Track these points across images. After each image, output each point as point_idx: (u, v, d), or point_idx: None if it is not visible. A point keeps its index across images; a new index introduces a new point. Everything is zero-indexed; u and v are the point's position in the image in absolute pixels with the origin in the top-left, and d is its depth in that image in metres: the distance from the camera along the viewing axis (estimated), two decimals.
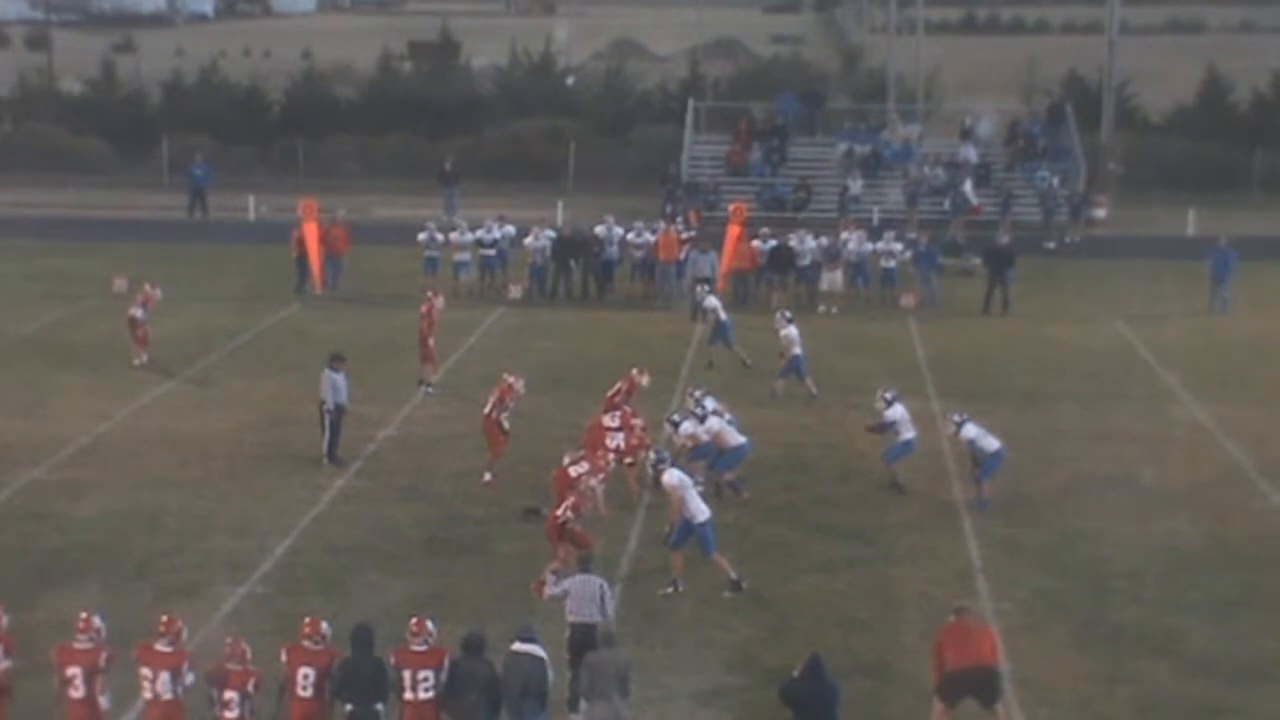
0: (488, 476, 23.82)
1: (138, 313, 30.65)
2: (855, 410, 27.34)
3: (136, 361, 30.50)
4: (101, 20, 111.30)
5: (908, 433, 23.75)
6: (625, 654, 15.70)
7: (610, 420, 23.48)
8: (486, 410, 23.96)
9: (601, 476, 21.53)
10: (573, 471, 21.02)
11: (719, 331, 31.13)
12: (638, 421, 23.59)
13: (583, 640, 16.36)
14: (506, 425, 23.94)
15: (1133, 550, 21.53)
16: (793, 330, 28.78)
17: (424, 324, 28.99)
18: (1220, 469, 25.23)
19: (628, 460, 23.10)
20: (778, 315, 29.72)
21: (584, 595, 16.74)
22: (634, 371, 25.35)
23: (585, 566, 17.24)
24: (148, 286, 31.26)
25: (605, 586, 17.01)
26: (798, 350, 28.60)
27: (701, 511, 19.80)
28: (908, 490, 23.56)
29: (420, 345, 29.14)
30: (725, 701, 17.07)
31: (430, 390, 28.85)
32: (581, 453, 21.75)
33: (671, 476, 20.03)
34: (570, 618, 16.73)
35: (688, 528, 19.77)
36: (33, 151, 56.43)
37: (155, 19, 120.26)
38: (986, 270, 37.48)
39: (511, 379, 24.25)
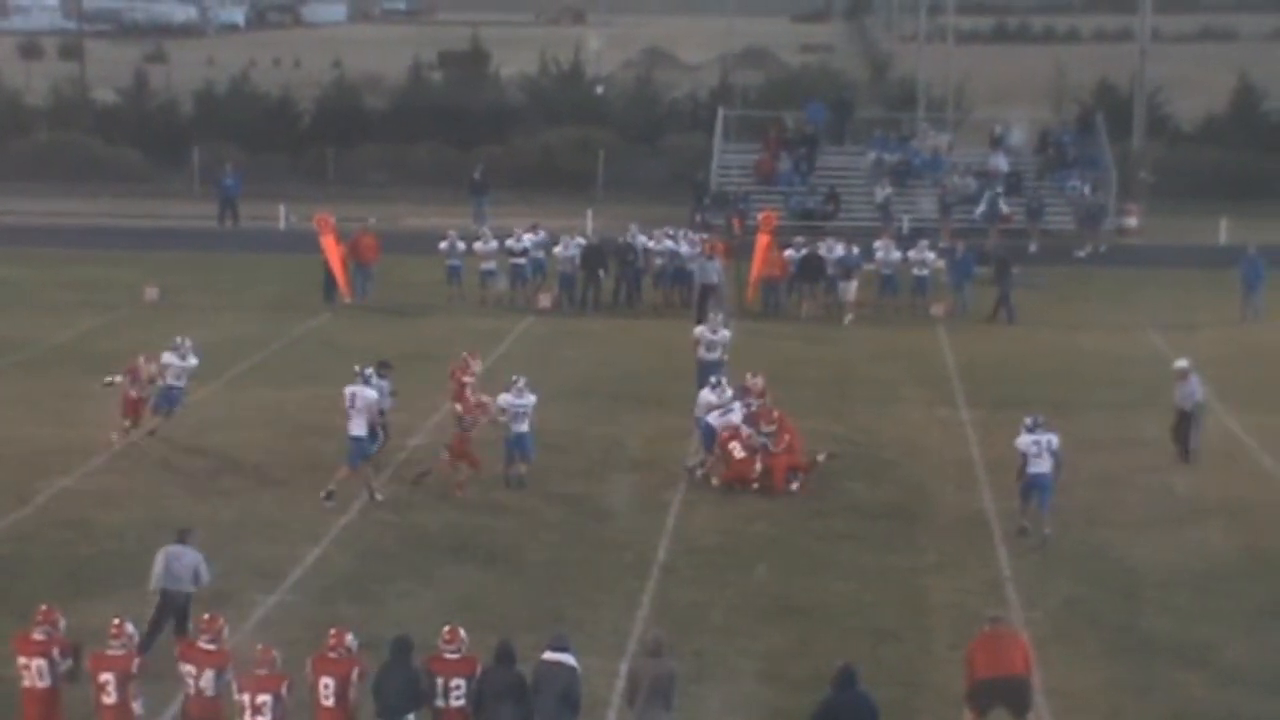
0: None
1: (131, 392, 25.79)
2: (885, 419, 27.30)
3: (115, 435, 25.97)
4: (134, 30, 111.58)
5: (1036, 466, 22.04)
6: (671, 664, 15.59)
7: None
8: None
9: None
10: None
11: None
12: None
13: None
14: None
15: (1164, 560, 21.44)
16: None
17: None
18: (1252, 478, 25.13)
19: None
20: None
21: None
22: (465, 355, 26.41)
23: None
24: (142, 360, 26.18)
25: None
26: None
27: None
28: (1029, 531, 22.18)
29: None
30: (755, 711, 17.04)
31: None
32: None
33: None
34: None
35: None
36: (66, 161, 56.80)
37: (187, 29, 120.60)
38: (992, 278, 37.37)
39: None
